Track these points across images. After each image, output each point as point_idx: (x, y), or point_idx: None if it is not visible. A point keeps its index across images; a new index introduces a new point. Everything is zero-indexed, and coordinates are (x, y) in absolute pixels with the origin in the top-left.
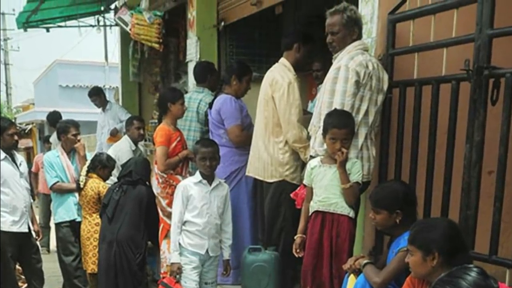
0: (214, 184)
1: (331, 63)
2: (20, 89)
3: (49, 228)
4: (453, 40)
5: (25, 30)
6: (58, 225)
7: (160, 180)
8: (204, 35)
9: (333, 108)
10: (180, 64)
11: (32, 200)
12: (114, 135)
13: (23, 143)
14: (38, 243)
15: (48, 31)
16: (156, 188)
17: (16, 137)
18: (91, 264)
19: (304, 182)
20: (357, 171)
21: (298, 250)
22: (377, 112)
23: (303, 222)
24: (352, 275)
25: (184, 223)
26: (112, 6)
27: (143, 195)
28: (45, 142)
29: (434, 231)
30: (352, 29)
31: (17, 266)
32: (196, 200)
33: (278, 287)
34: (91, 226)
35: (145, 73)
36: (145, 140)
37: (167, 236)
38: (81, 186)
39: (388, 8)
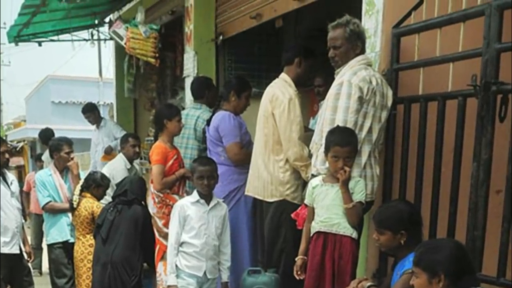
0: (212, 204)
1: (333, 79)
2: (11, 105)
3: (41, 249)
4: (459, 54)
5: (17, 44)
6: (50, 246)
7: (156, 200)
8: (202, 50)
9: (335, 125)
10: (177, 80)
11: (23, 221)
12: (109, 153)
13: (14, 161)
14: (29, 265)
15: (40, 45)
16: (152, 208)
17: (7, 155)
18: (84, 287)
19: (306, 201)
20: (360, 190)
21: (299, 272)
22: (381, 129)
23: (304, 243)
24: None
25: (181, 244)
26: (107, 20)
27: (138, 215)
28: (37, 160)
29: (440, 252)
30: (355, 43)
31: None
32: (193, 221)
33: None
34: (85, 247)
35: (141, 89)
36: (141, 158)
37: (163, 257)
38: (75, 206)
39: (392, 21)
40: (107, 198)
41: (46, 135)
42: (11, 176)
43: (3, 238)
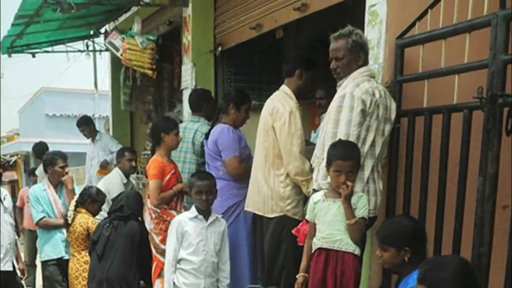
0: (210, 219)
1: (335, 91)
2: (5, 118)
3: (35, 266)
4: (465, 66)
5: (10, 56)
6: (44, 263)
7: (153, 216)
8: (200, 61)
9: (337, 139)
10: (174, 92)
11: (16, 237)
12: (104, 168)
13: (7, 176)
14: (23, 282)
15: (34, 56)
16: (149, 224)
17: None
18: None
19: (307, 217)
20: (363, 206)
21: None
22: (384, 143)
23: (305, 260)
24: None
25: (178, 261)
26: (102, 30)
27: (135, 231)
28: (31, 175)
29: (445, 269)
30: (358, 54)
31: None
32: (191, 237)
33: None
34: (80, 265)
35: (137, 102)
36: (137, 173)
37: (160, 275)
38: (69, 221)
39: (396, 32)
40: (103, 214)
41: (40, 149)
42: (4, 191)
43: None
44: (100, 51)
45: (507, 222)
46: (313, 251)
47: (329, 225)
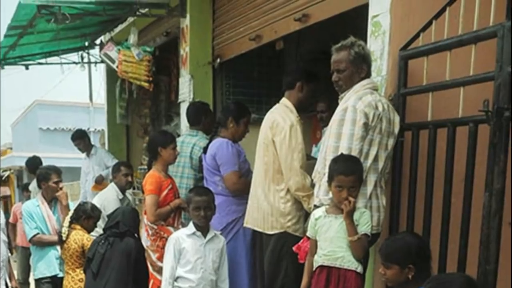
0: (209, 236)
1: (337, 104)
2: None
3: (28, 284)
4: (470, 78)
5: (2, 68)
6: (38, 281)
7: (150, 232)
8: (198, 73)
9: (339, 153)
10: (171, 105)
11: (9, 254)
12: (100, 183)
13: (0, 191)
14: None
15: (27, 68)
16: (145, 241)
17: None
18: None
19: (308, 234)
20: (365, 222)
21: None
22: (387, 158)
23: (306, 278)
24: None
25: (176, 279)
26: (98, 42)
27: (131, 248)
28: (24, 190)
29: (450, 287)
30: (360, 66)
31: None
32: (189, 254)
33: None
34: (75, 283)
35: (134, 115)
36: (134, 188)
37: None
38: (64, 238)
39: (399, 43)
40: (98, 230)
41: (34, 163)
42: None
43: None
44: (96, 63)
45: None
46: (314, 268)
47: (330, 242)
